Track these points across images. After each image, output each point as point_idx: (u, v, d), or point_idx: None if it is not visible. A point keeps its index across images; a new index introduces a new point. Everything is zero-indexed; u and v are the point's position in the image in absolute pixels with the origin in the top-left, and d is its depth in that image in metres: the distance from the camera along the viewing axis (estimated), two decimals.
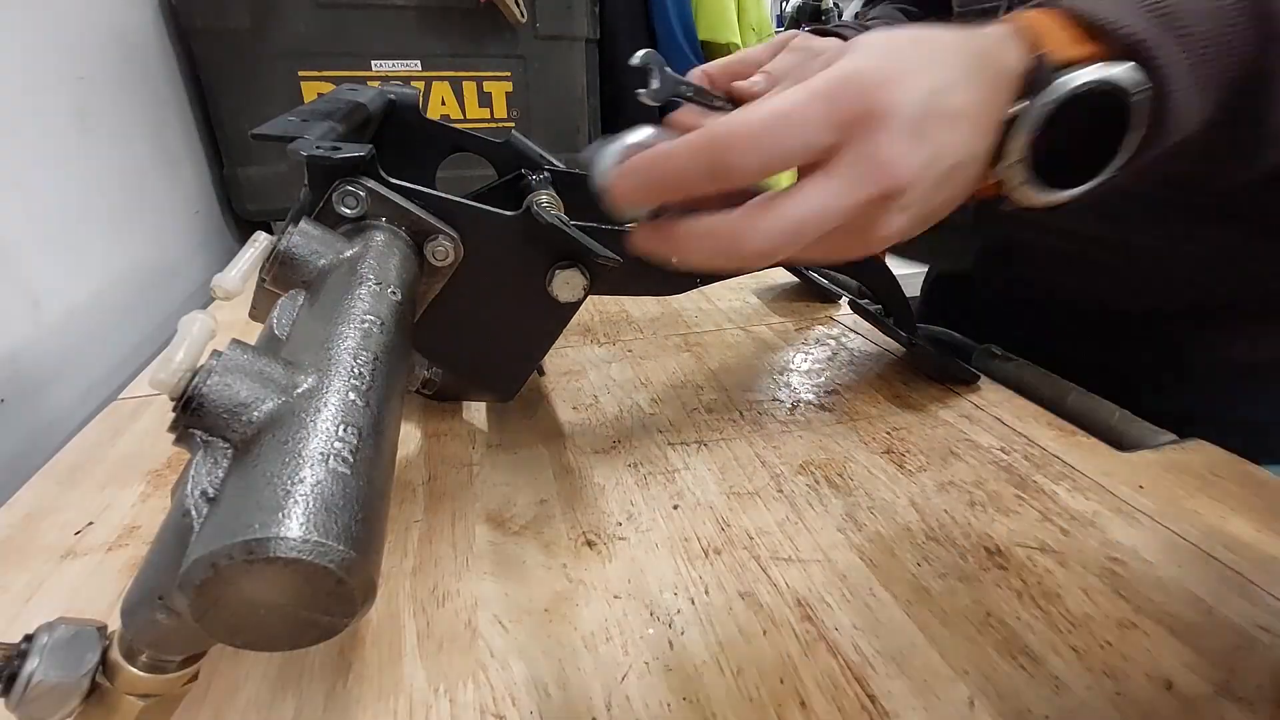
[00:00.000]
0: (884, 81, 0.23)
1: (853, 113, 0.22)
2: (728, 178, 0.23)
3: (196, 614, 0.17)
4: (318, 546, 0.17)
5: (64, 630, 0.21)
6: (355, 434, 0.20)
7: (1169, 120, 0.25)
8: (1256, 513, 0.39)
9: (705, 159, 0.23)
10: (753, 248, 0.24)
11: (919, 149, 0.23)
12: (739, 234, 0.24)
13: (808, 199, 0.23)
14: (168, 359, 0.21)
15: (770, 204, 0.23)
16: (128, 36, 0.76)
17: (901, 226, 0.25)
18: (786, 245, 0.24)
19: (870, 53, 0.24)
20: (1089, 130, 0.25)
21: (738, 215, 0.24)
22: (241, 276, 0.29)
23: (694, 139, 0.23)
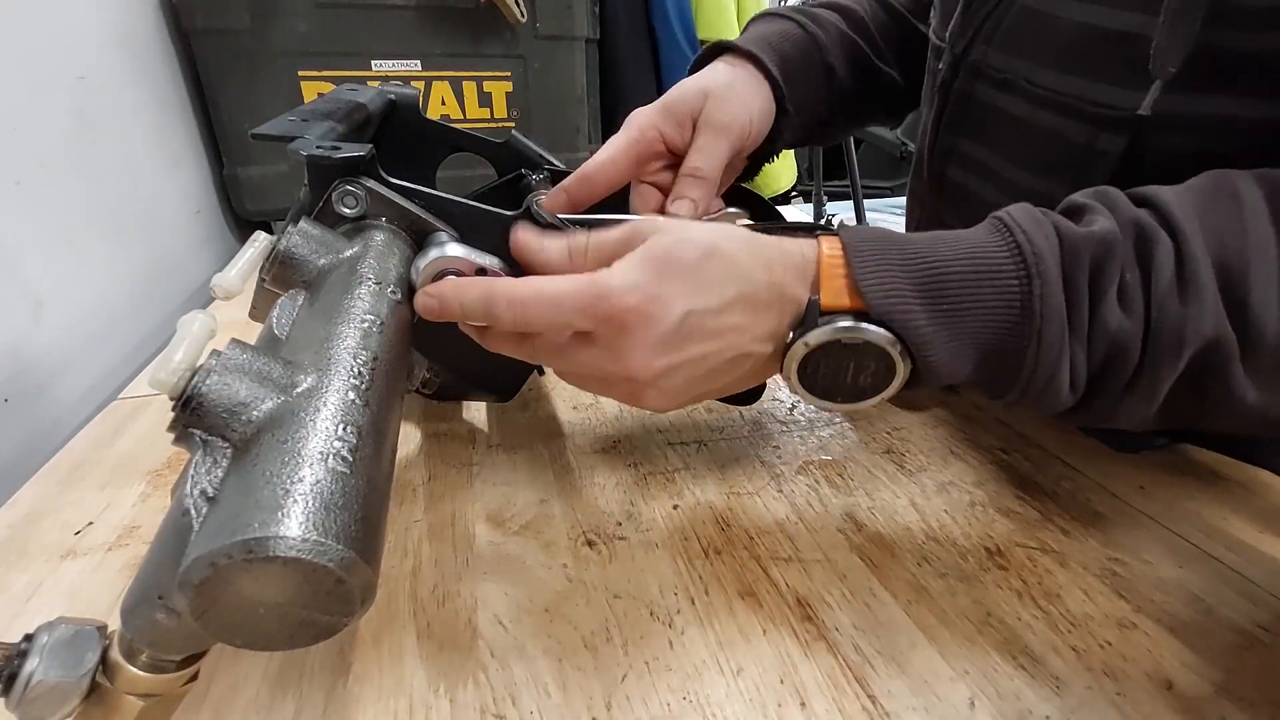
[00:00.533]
0: (643, 303, 0.28)
1: (606, 319, 0.28)
2: (498, 326, 0.30)
3: (196, 613, 0.17)
4: (317, 545, 0.17)
5: (64, 630, 0.21)
6: (355, 433, 0.20)
7: (927, 373, 0.29)
8: (1256, 513, 0.39)
9: (481, 309, 0.29)
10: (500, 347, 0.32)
11: (663, 357, 0.28)
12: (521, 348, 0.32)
13: (570, 355, 0.30)
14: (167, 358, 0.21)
15: (553, 344, 0.30)
16: (128, 36, 0.76)
17: (664, 403, 0.31)
18: (556, 368, 0.32)
19: (647, 271, 0.28)
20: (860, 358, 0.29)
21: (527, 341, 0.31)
22: (241, 276, 0.29)
23: (479, 292, 0.29)
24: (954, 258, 0.28)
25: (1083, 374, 0.28)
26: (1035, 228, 0.28)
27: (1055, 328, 0.27)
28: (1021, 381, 0.28)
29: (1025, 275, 0.27)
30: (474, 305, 0.29)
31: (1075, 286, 0.27)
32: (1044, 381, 0.28)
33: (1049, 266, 0.27)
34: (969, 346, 0.28)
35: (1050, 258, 0.27)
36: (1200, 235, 0.26)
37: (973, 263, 0.28)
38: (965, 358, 0.28)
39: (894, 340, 0.28)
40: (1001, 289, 0.27)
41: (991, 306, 0.27)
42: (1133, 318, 0.26)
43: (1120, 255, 0.27)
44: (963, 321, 0.28)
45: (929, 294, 0.28)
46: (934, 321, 0.28)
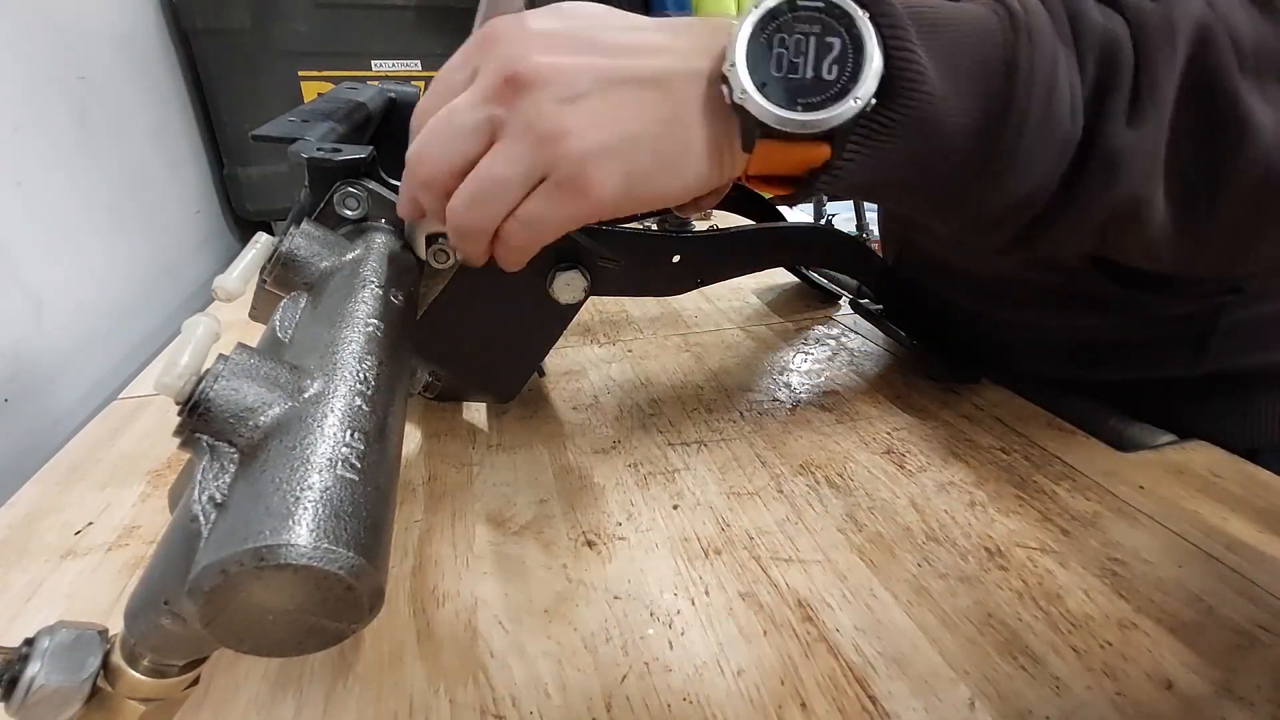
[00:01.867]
0: (515, 19, 0.25)
1: (479, 42, 0.25)
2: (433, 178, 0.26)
3: (205, 620, 0.17)
4: (328, 553, 0.17)
5: (65, 634, 0.21)
6: (362, 439, 0.20)
7: (907, 72, 0.24)
8: (1256, 513, 0.39)
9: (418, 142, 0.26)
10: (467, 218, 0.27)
11: (550, 50, 0.24)
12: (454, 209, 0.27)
13: (442, 113, 0.26)
14: (173, 362, 0.20)
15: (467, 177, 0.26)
16: (128, 36, 0.76)
17: (593, 138, 0.24)
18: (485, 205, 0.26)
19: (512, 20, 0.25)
20: None
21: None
22: (243, 278, 0.29)
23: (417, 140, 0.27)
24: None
25: (1078, 85, 0.25)
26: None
27: (1041, 21, 0.25)
28: (1021, 101, 0.24)
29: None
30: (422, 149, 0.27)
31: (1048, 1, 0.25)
32: (1045, 95, 0.24)
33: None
34: (951, 58, 0.25)
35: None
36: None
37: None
38: (949, 69, 0.25)
39: (863, 11, 0.24)
40: (975, 9, 0.26)
41: (968, 22, 0.25)
42: (1114, 20, 0.25)
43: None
44: (942, 30, 0.25)
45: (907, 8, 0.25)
46: (915, 29, 0.25)
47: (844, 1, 0.24)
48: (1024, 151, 0.25)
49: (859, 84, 0.24)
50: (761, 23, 0.24)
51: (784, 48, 0.24)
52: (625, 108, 0.25)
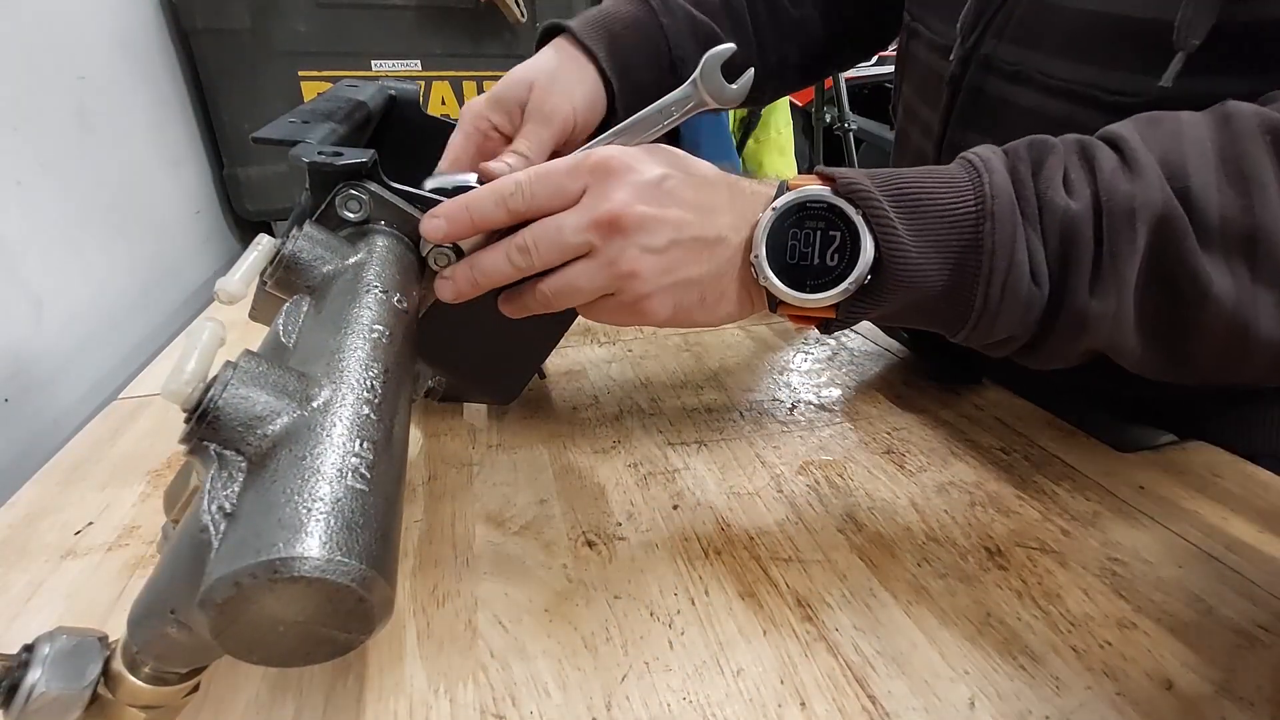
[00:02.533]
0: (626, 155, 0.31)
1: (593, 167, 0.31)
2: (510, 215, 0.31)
3: (215, 631, 0.17)
4: (340, 565, 0.17)
5: (65, 641, 0.21)
6: (370, 448, 0.20)
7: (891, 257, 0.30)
8: (1256, 513, 0.39)
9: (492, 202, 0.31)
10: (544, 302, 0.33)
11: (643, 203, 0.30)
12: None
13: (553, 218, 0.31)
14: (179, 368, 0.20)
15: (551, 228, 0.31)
16: (128, 36, 0.76)
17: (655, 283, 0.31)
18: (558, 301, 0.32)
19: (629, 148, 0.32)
20: None
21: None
22: (245, 281, 0.29)
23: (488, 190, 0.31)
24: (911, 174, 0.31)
25: (1041, 260, 0.29)
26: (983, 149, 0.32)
27: (1004, 205, 0.29)
28: (985, 271, 0.29)
29: (975, 174, 0.30)
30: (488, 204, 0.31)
31: (1019, 178, 0.30)
32: (1005, 266, 0.29)
33: (995, 164, 0.30)
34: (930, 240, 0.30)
35: (994, 159, 0.31)
36: (1138, 137, 0.30)
37: (927, 174, 0.31)
38: (928, 250, 0.30)
39: (857, 210, 0.30)
40: (954, 187, 0.30)
41: (946, 203, 0.30)
42: (1079, 202, 0.29)
43: (1060, 153, 0.30)
44: (922, 217, 0.30)
45: (888, 191, 0.30)
46: (894, 209, 0.30)
47: (842, 205, 0.30)
48: (991, 308, 0.30)
49: (855, 269, 0.30)
50: (779, 220, 0.31)
51: (796, 240, 0.31)
52: (688, 260, 0.31)
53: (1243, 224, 0.28)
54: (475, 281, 0.33)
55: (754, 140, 1.98)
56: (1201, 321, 0.29)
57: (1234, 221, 0.28)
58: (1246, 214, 0.28)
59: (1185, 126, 0.30)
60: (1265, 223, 0.27)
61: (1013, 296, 0.30)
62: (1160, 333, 0.30)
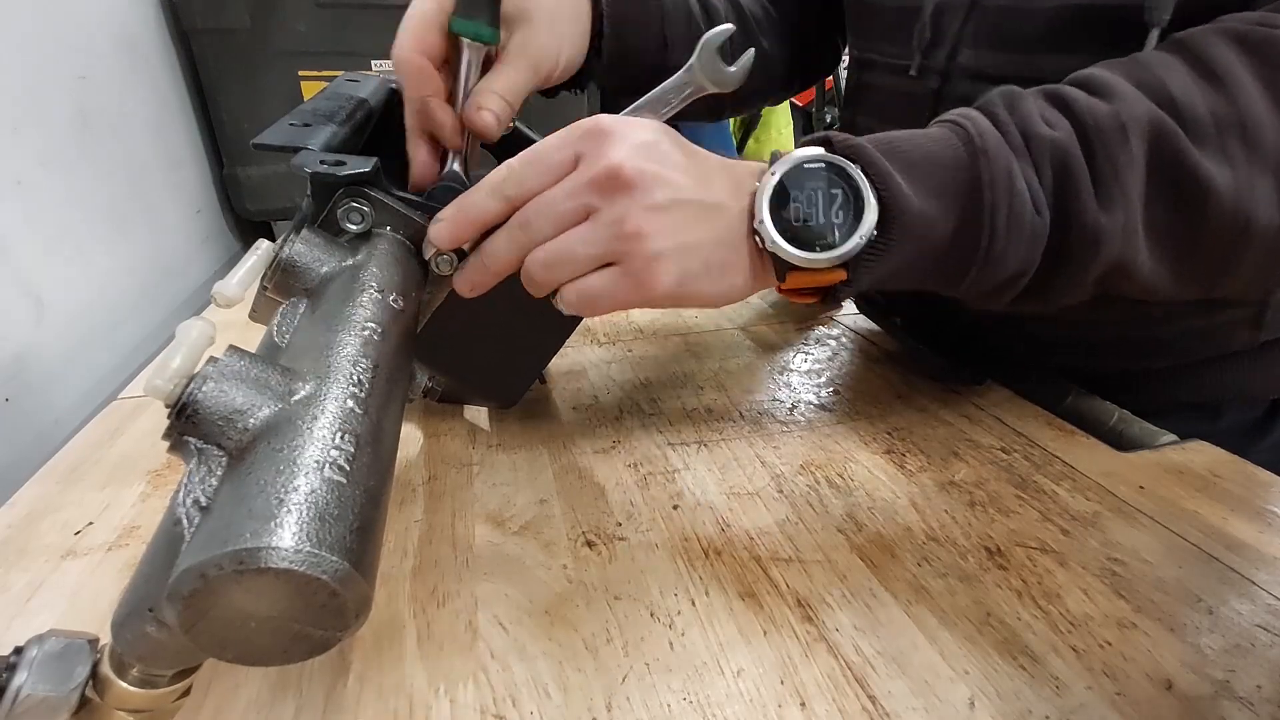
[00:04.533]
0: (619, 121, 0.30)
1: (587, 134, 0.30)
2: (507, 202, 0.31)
3: (185, 626, 0.17)
4: (310, 557, 0.16)
5: (54, 643, 0.20)
6: (353, 442, 0.20)
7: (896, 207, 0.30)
8: (1256, 513, 0.39)
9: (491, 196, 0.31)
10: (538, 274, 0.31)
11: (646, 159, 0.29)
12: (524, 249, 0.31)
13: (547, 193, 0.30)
14: (164, 365, 0.20)
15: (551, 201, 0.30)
16: (128, 36, 0.76)
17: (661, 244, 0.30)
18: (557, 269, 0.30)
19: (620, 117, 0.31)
20: None
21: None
22: (242, 285, 0.29)
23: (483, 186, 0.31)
24: (898, 134, 0.32)
25: (1039, 188, 0.31)
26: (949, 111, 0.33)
27: (993, 142, 0.30)
28: (988, 204, 0.30)
29: (956, 125, 0.32)
30: (483, 199, 0.31)
31: (999, 119, 0.31)
32: (1006, 197, 0.30)
33: (972, 113, 0.32)
34: (928, 186, 0.31)
35: (970, 111, 0.32)
36: (1104, 71, 0.32)
37: (914, 133, 0.32)
38: (927, 196, 0.31)
39: (855, 166, 0.30)
40: (940, 139, 0.32)
41: (937, 151, 0.31)
42: (1061, 129, 0.31)
43: (1030, 97, 0.32)
44: (918, 168, 0.31)
45: (882, 149, 0.31)
46: (892, 164, 0.30)
47: (840, 160, 0.30)
48: (999, 242, 0.31)
49: (861, 223, 0.30)
50: (779, 183, 0.31)
51: (798, 201, 0.30)
52: (691, 223, 0.30)
53: (1230, 115, 0.30)
54: (485, 268, 0.32)
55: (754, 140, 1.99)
56: (1206, 219, 0.31)
57: (1223, 115, 0.30)
58: (1231, 105, 0.30)
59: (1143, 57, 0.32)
60: (1250, 111, 0.29)
61: (1018, 225, 0.30)
62: (1168, 240, 0.32)
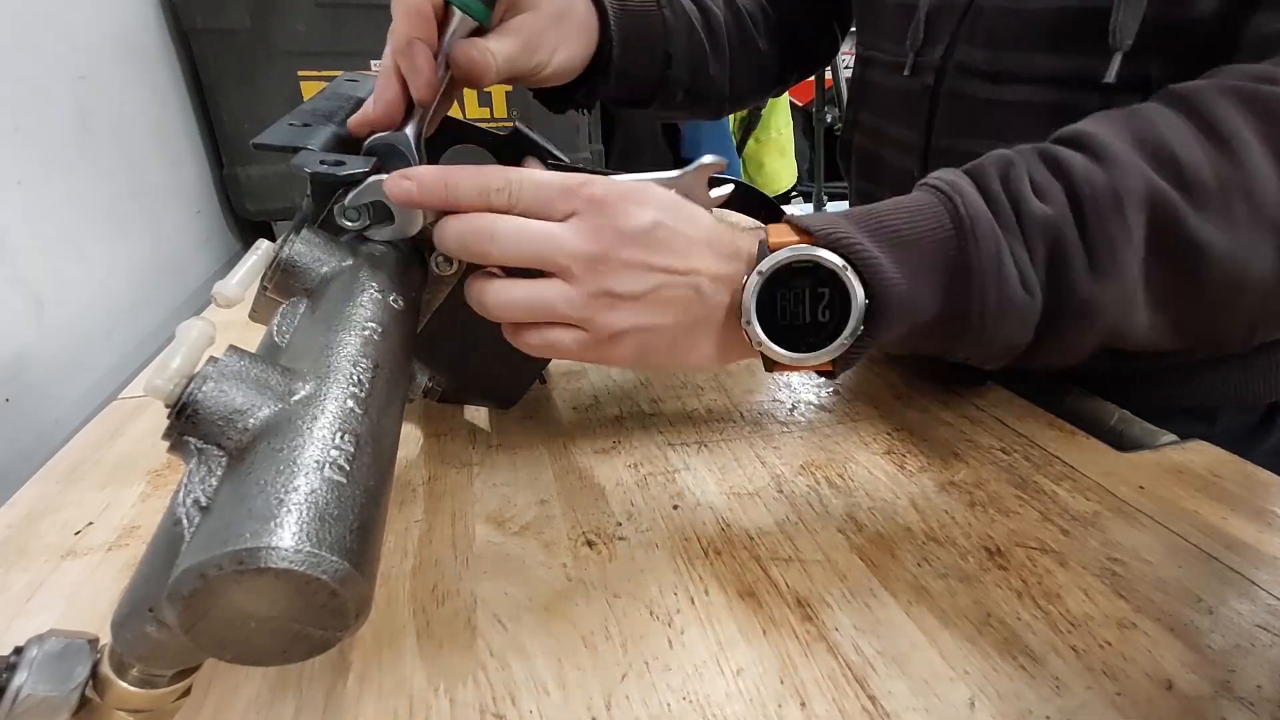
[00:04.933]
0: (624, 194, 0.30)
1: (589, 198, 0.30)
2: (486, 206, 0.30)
3: (185, 626, 0.17)
4: (310, 557, 0.16)
5: (54, 643, 0.20)
6: (353, 442, 0.20)
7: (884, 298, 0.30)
8: (1256, 513, 0.39)
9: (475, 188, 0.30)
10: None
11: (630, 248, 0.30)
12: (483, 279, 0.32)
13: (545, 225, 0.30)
14: (164, 365, 0.20)
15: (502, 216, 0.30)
16: (128, 36, 0.76)
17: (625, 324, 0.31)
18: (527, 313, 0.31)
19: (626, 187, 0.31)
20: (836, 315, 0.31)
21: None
22: (242, 285, 0.29)
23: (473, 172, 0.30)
24: (884, 207, 0.32)
25: (1028, 266, 0.30)
26: (945, 173, 0.32)
27: (984, 224, 0.30)
28: (977, 289, 0.30)
29: (945, 198, 0.31)
30: (468, 190, 0.30)
31: (990, 193, 0.31)
32: (995, 282, 0.30)
33: (963, 186, 0.31)
34: (917, 267, 0.30)
35: (962, 181, 0.31)
36: (1101, 130, 0.31)
37: (900, 205, 0.32)
38: (917, 279, 0.30)
39: (843, 263, 0.30)
40: (930, 214, 0.31)
41: (926, 229, 0.31)
42: (1054, 203, 0.30)
43: (1022, 162, 0.31)
44: (905, 247, 0.30)
45: (868, 229, 0.31)
46: (878, 246, 0.30)
47: (826, 259, 0.30)
48: (990, 323, 0.31)
49: (848, 323, 0.30)
50: (766, 284, 0.31)
51: (786, 301, 0.31)
52: (663, 309, 0.31)
53: (1235, 178, 0.29)
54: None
55: (754, 140, 1.98)
56: (1203, 280, 0.30)
57: (1228, 178, 0.29)
58: (1237, 169, 0.29)
59: (1145, 111, 0.31)
60: (1255, 172, 0.29)
61: (1008, 308, 0.30)
62: (1166, 302, 0.31)
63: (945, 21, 0.45)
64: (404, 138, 0.36)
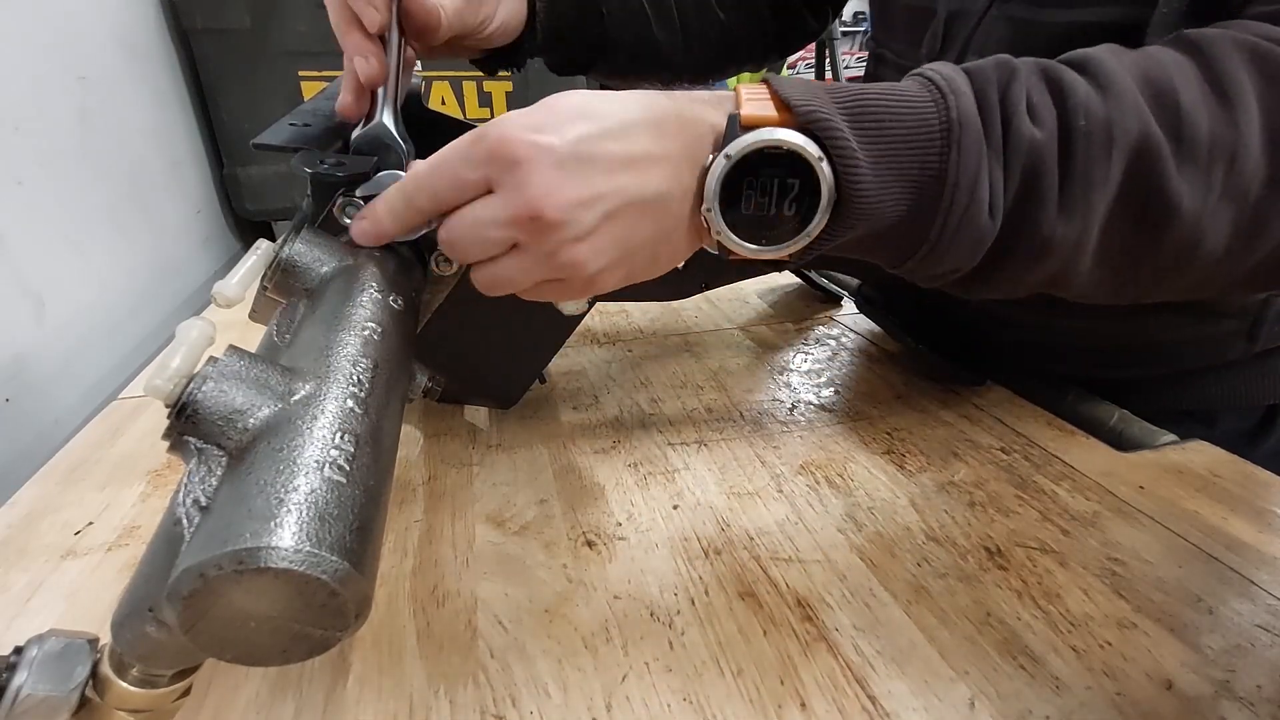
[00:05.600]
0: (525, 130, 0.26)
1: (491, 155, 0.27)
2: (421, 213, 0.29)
3: (185, 626, 0.17)
4: (310, 557, 0.16)
5: (54, 643, 0.20)
6: (353, 442, 0.20)
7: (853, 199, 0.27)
8: (1256, 513, 0.39)
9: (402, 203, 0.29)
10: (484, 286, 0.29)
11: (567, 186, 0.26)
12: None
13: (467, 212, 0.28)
14: (164, 365, 0.20)
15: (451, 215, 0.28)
16: (128, 36, 0.76)
17: (600, 263, 0.28)
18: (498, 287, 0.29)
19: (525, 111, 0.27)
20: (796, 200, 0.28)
21: None
22: (242, 285, 0.29)
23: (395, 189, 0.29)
24: (874, 92, 0.28)
25: (1000, 192, 0.28)
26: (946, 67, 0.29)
27: (972, 136, 0.27)
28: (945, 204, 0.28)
29: (939, 96, 0.28)
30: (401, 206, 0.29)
31: (987, 102, 0.28)
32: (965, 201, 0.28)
33: (960, 87, 0.28)
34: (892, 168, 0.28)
35: (960, 81, 0.28)
36: (1113, 60, 0.28)
37: (891, 94, 0.28)
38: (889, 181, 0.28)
39: (819, 153, 0.27)
40: (919, 111, 0.28)
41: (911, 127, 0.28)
42: (1044, 130, 0.28)
43: (1025, 78, 0.28)
44: (885, 143, 0.28)
45: (852, 115, 0.28)
46: (857, 138, 0.27)
47: (804, 149, 0.27)
48: (944, 242, 0.29)
49: (813, 220, 0.28)
50: (733, 171, 0.27)
51: (752, 189, 0.28)
52: (627, 230, 0.28)
53: (1228, 139, 0.28)
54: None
55: None
56: (1159, 239, 0.29)
57: (1221, 137, 0.28)
58: (1231, 129, 0.28)
59: (1158, 54, 0.29)
60: (1245, 138, 0.28)
61: (968, 229, 0.28)
62: (1117, 256, 0.30)
63: (959, 29, 0.44)
64: (381, 127, 0.37)
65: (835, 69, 1.97)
